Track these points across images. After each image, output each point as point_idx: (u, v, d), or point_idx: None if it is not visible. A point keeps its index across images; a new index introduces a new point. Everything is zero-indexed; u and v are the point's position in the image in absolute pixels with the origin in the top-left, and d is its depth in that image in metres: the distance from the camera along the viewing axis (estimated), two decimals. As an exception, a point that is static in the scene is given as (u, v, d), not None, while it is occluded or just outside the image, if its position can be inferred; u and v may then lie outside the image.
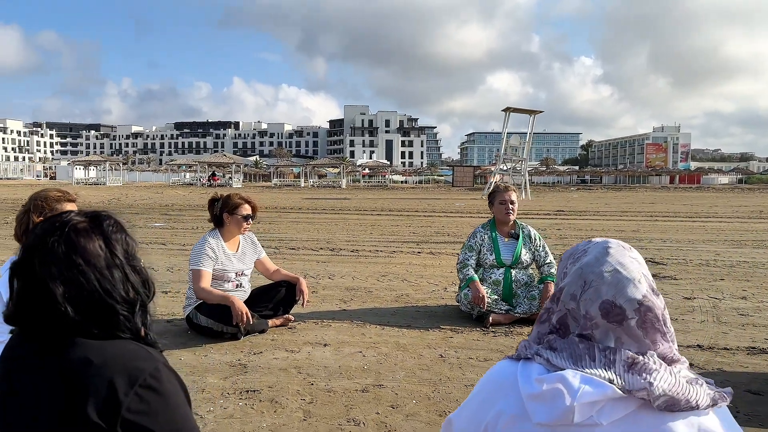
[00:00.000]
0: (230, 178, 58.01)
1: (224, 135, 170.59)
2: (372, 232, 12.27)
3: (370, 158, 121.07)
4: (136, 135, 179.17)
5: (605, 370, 1.17)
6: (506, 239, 5.09)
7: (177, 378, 1.29)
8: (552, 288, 4.75)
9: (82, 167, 68.56)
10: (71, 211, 1.38)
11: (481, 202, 26.99)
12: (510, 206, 5.03)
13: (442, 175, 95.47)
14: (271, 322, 4.57)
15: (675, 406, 1.14)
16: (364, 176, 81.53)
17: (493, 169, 36.56)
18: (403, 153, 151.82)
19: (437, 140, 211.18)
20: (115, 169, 65.22)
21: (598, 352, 1.20)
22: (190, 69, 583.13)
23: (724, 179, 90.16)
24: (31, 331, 1.25)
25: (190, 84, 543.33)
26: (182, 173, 75.14)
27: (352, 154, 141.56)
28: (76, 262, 1.26)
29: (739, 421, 2.93)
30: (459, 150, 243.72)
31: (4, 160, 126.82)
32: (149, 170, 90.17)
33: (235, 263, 4.53)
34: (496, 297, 4.82)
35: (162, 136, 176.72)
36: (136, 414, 1.17)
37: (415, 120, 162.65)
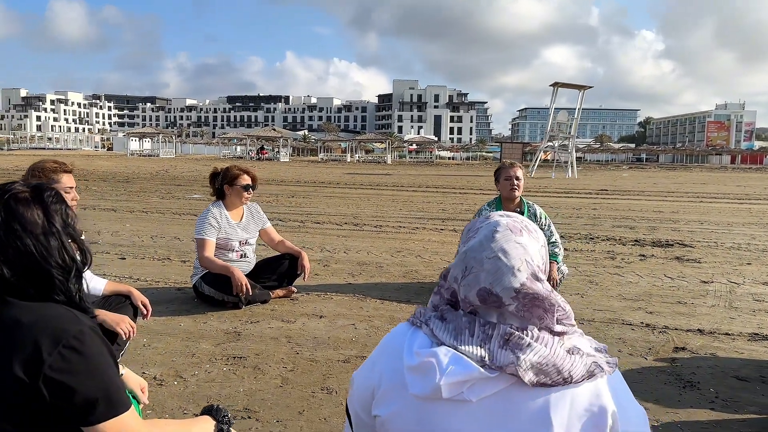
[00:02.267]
0: (277, 152, 58.75)
1: (275, 109, 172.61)
2: (402, 208, 12.32)
3: (418, 133, 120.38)
4: (190, 108, 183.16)
5: (480, 346, 1.19)
6: (511, 217, 5.05)
7: (103, 341, 1.38)
8: (555, 268, 4.74)
9: (137, 139, 70.68)
10: (16, 182, 1.50)
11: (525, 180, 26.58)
12: (515, 182, 4.99)
13: (490, 152, 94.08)
14: (274, 293, 4.71)
15: (547, 381, 1.16)
16: (410, 152, 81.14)
17: (541, 145, 35.77)
18: (451, 129, 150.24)
19: (488, 116, 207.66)
20: (169, 142, 67.00)
21: (478, 327, 1.22)
22: (245, 43, 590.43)
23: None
24: None
25: (245, 58, 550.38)
26: (233, 146, 76.54)
27: (400, 129, 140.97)
28: (13, 227, 1.37)
29: (717, 406, 2.92)
30: (510, 126, 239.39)
31: (65, 131, 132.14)
32: (202, 143, 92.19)
33: (239, 232, 4.67)
34: (497, 275, 4.82)
35: (215, 109, 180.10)
36: (57, 372, 1.27)
37: (465, 95, 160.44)
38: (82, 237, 1.56)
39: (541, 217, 5.05)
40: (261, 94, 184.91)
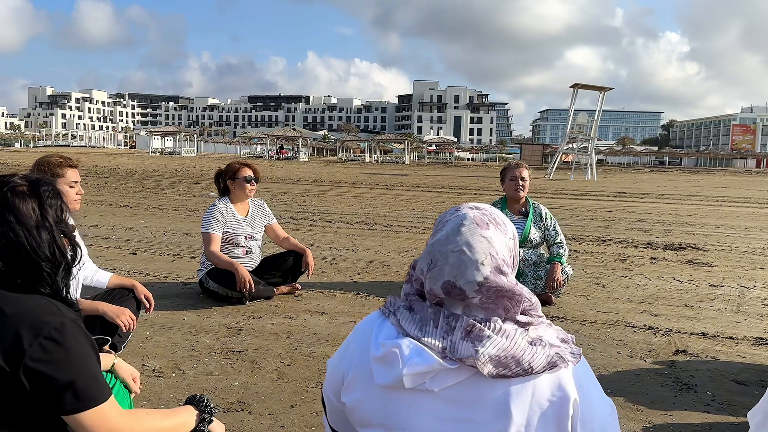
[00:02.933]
0: (296, 151, 59.07)
1: (295, 109, 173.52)
2: (414, 208, 12.33)
3: (438, 134, 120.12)
4: (212, 107, 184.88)
5: (443, 338, 1.21)
6: (516, 217, 5.05)
7: (84, 333, 1.43)
8: (559, 268, 4.72)
9: (159, 137, 71.55)
10: (16, 175, 1.56)
11: (540, 182, 26.42)
12: (520, 183, 4.98)
13: (510, 153, 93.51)
14: (278, 289, 4.76)
15: (507, 372, 1.18)
16: (429, 153, 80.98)
17: (560, 147, 35.44)
18: (471, 129, 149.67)
19: (508, 117, 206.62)
20: (190, 140, 67.71)
21: (443, 318, 1.25)
22: (268, 43, 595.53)
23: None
24: None
25: (267, 58, 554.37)
26: (253, 146, 77.13)
27: (419, 129, 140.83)
28: (7, 218, 1.43)
29: (712, 408, 2.90)
30: (531, 127, 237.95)
31: (89, 129, 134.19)
32: (222, 142, 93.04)
33: (245, 227, 4.72)
34: (501, 275, 4.81)
35: (236, 109, 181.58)
36: (37, 362, 1.32)
37: (486, 96, 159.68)
38: (75, 233, 1.61)
39: (546, 218, 5.04)
40: (282, 94, 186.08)
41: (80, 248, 1.59)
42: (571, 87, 31.52)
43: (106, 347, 3.28)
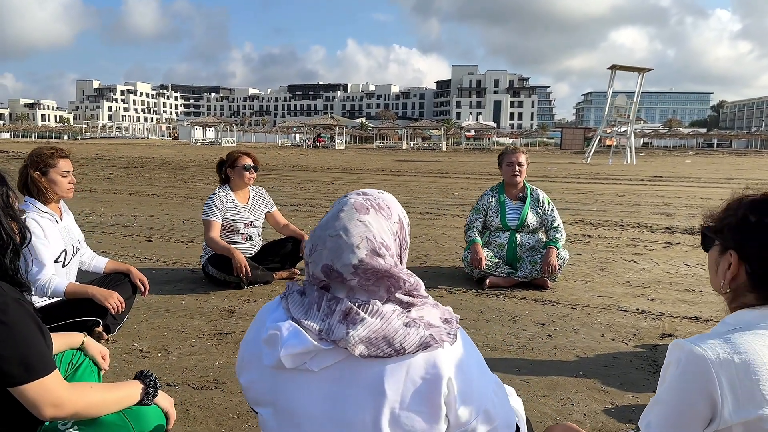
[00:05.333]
0: (332, 139, 59.40)
1: (333, 97, 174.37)
2: (437, 194, 12.33)
3: (476, 120, 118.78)
4: (252, 98, 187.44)
5: (322, 321, 1.27)
6: (514, 202, 5.04)
7: (27, 312, 1.55)
8: (554, 253, 4.70)
9: (200, 128, 72.95)
10: None
11: (576, 166, 25.96)
12: (517, 168, 4.96)
13: (552, 138, 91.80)
14: (277, 274, 4.89)
15: (378, 353, 1.23)
16: (468, 139, 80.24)
17: (597, 131, 34.61)
18: (511, 114, 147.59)
19: (550, 100, 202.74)
20: (230, 131, 68.83)
21: (325, 302, 1.31)
22: (309, 33, 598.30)
23: None
24: None
25: (307, 48, 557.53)
26: (292, 135, 77.89)
27: (458, 115, 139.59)
28: None
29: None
30: (575, 111, 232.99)
31: (134, 120, 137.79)
32: (262, 131, 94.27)
33: (245, 214, 4.85)
34: (497, 260, 4.83)
35: (276, 98, 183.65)
36: None
37: (526, 79, 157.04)
38: (24, 217, 1.74)
39: (543, 203, 5.01)
40: (320, 83, 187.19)
41: (26, 232, 1.71)
42: (609, 69, 30.74)
43: (99, 329, 3.48)
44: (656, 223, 8.26)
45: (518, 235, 4.92)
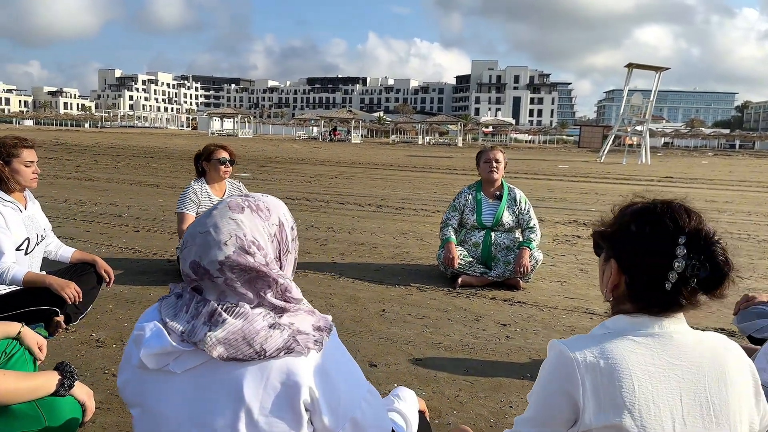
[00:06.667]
0: (348, 133, 59.44)
1: (352, 90, 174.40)
2: (437, 191, 12.29)
3: (495, 116, 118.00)
4: (272, 89, 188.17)
5: (187, 323, 1.27)
6: (491, 200, 5.01)
7: None
8: (527, 254, 4.67)
9: (218, 119, 73.30)
10: None
11: (588, 165, 25.71)
12: (494, 165, 4.94)
13: (570, 135, 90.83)
14: (252, 268, 4.92)
15: (238, 355, 1.23)
16: (486, 134, 79.71)
17: (620, 130, 34.11)
18: (531, 111, 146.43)
19: (571, 98, 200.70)
20: (248, 122, 69.12)
21: (195, 304, 1.30)
22: (330, 25, 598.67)
23: None
24: None
25: (328, 40, 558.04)
26: (309, 127, 77.99)
27: (477, 111, 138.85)
28: None
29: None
30: (596, 108, 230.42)
31: (155, 110, 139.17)
32: (280, 124, 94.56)
33: (219, 208, 4.88)
34: (470, 259, 4.81)
35: (295, 91, 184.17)
36: None
37: (547, 76, 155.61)
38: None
39: (520, 202, 4.98)
40: (339, 76, 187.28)
41: None
42: (625, 67, 30.32)
43: (59, 318, 3.52)
44: (651, 225, 8.15)
45: (493, 234, 4.90)
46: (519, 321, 3.97)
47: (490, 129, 78.61)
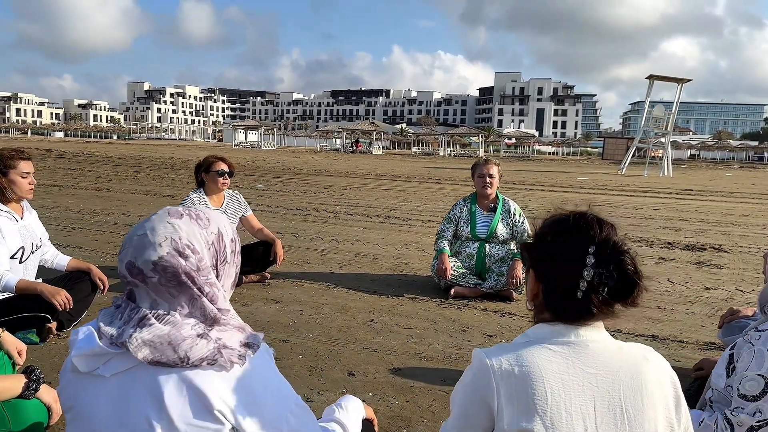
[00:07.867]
0: (370, 144, 59.71)
1: (376, 103, 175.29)
2: (448, 203, 12.28)
3: (518, 128, 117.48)
4: (296, 102, 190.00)
5: (119, 327, 1.31)
6: (485, 213, 5.03)
7: None
8: (519, 266, 4.67)
9: (243, 131, 74.22)
10: None
11: (609, 177, 25.44)
12: (488, 180, 4.97)
13: (595, 148, 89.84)
14: (248, 277, 5.00)
15: (162, 359, 1.26)
16: (509, 146, 79.37)
17: (644, 143, 33.71)
18: (555, 123, 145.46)
19: (596, 109, 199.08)
20: (272, 134, 69.89)
21: (128, 310, 1.34)
22: (356, 38, 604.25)
23: None
24: None
25: (353, 54, 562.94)
26: (332, 139, 78.54)
27: (500, 123, 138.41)
28: None
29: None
30: (621, 120, 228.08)
31: (182, 122, 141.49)
32: (303, 135, 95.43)
33: (217, 219, 4.98)
34: (464, 270, 4.83)
35: (319, 103, 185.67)
36: None
37: (571, 87, 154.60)
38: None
39: (514, 214, 5.00)
40: (363, 88, 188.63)
41: None
42: (646, 78, 30.05)
43: (51, 324, 3.63)
44: (659, 238, 8.06)
45: (487, 246, 4.91)
46: (506, 332, 3.97)
47: (513, 140, 78.27)
